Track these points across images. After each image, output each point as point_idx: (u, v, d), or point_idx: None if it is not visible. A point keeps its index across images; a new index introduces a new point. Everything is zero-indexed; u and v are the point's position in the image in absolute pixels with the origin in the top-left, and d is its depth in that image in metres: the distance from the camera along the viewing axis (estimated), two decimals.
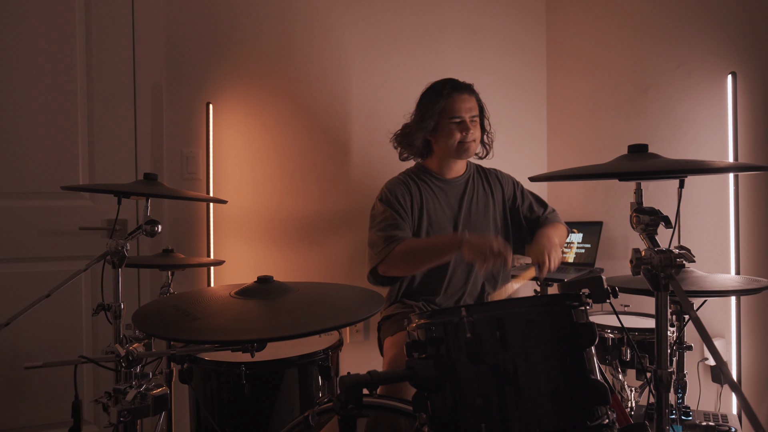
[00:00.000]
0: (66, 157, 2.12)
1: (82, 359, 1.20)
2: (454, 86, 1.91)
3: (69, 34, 2.12)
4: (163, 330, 0.97)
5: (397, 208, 1.88)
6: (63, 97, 2.11)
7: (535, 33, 2.97)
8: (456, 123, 1.89)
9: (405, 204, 1.89)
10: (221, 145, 2.33)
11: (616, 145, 2.55)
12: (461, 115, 1.89)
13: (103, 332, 2.15)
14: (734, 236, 1.97)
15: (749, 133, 1.98)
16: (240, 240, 2.35)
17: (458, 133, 1.89)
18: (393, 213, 1.86)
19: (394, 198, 1.90)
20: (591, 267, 2.54)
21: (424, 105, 1.94)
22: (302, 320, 1.00)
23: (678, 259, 0.96)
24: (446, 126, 1.90)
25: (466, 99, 1.91)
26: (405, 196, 1.91)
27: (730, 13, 2.04)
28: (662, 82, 2.32)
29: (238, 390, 1.45)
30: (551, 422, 0.91)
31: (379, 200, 1.95)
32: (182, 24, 2.27)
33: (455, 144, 1.90)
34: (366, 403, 1.19)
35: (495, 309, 0.96)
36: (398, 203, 1.89)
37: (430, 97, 1.93)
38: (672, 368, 1.06)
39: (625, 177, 0.99)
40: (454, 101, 1.89)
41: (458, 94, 1.90)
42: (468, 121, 1.90)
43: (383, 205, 1.91)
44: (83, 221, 2.15)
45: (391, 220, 1.85)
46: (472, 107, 1.92)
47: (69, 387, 2.08)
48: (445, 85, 1.92)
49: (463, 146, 1.90)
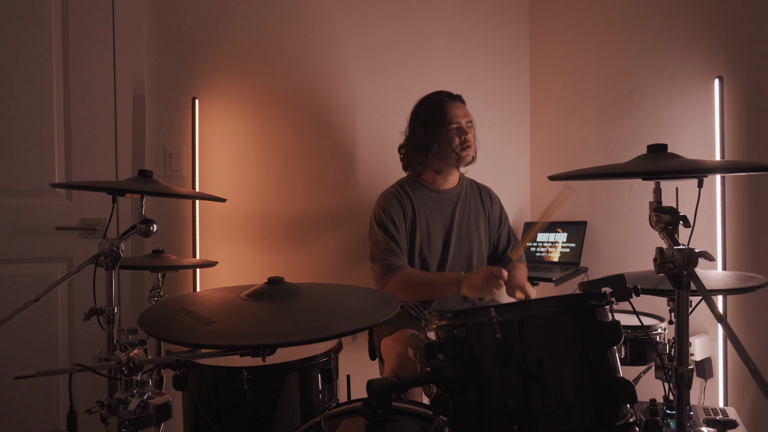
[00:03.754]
0: (40, 153, 2.00)
1: (78, 367, 1.12)
2: (449, 96, 2.02)
3: (44, 25, 2.00)
4: (177, 335, 0.92)
5: (391, 231, 1.95)
6: (37, 90, 1.99)
7: (518, 32, 3.00)
8: (455, 128, 1.97)
9: (399, 223, 1.96)
10: (207, 142, 2.25)
11: (600, 146, 2.61)
12: (459, 121, 1.97)
13: (82, 338, 2.04)
14: (721, 233, 2.03)
15: (736, 136, 2.05)
16: (227, 240, 2.28)
17: (457, 137, 1.96)
18: (388, 239, 1.93)
19: (389, 219, 1.96)
20: (576, 266, 2.59)
21: (430, 113, 1.99)
22: (326, 323, 0.96)
23: (699, 257, 0.97)
24: (447, 133, 1.96)
25: (460, 106, 2.02)
26: (398, 214, 1.97)
27: (717, 17, 2.10)
28: (646, 85, 2.38)
29: (239, 395, 1.39)
30: (582, 422, 0.91)
31: (375, 222, 2.00)
32: (166, 15, 2.18)
33: (457, 149, 1.96)
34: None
35: (524, 309, 0.95)
36: (393, 225, 1.95)
37: (428, 108, 2.00)
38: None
39: (648, 176, 0.99)
40: (451, 108, 1.98)
41: (453, 102, 2.00)
42: (465, 125, 1.98)
43: (379, 230, 1.97)
44: (59, 221, 2.04)
45: (386, 245, 1.93)
46: (466, 113, 2.02)
47: (46, 397, 1.98)
48: (441, 94, 2.02)
49: (462, 152, 1.97)
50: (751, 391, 1.98)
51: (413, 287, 1.88)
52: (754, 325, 1.97)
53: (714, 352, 2.04)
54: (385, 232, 1.94)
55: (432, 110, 1.97)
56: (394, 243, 1.93)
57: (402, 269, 1.88)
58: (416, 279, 1.90)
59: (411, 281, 1.88)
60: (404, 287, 1.87)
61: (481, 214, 2.10)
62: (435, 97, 2.01)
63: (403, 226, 1.96)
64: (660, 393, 1.52)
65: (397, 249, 1.92)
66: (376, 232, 1.97)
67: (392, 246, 1.92)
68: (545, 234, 2.78)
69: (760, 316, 1.96)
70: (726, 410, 1.56)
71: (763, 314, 1.95)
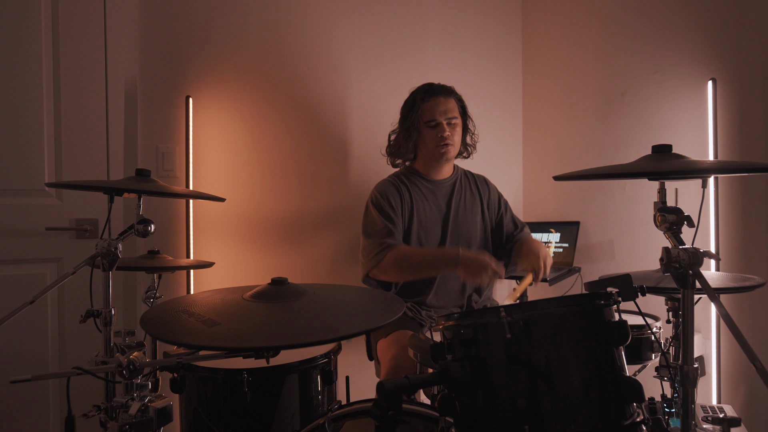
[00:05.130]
0: (30, 152, 1.95)
1: (76, 371, 1.10)
2: (427, 91, 1.94)
3: (34, 21, 1.95)
4: (182, 337, 0.90)
5: (388, 212, 1.89)
6: (26, 87, 1.94)
7: (511, 31, 3.01)
8: (431, 127, 1.92)
9: (396, 207, 1.91)
10: (201, 141, 2.22)
11: (593, 147, 2.63)
12: (435, 118, 1.91)
13: (73, 341, 2.00)
14: (714, 234, 2.06)
15: (729, 138, 2.08)
16: (220, 240, 2.25)
17: (435, 135, 1.91)
18: (384, 220, 1.88)
19: (386, 202, 1.92)
20: (570, 266, 2.60)
21: (405, 114, 1.98)
22: (335, 324, 0.95)
23: (704, 257, 0.98)
24: (423, 130, 1.93)
25: (441, 102, 1.93)
26: (396, 199, 1.93)
27: (711, 21, 2.13)
28: (638, 87, 2.40)
29: (239, 398, 1.37)
30: (591, 422, 0.91)
31: (372, 204, 1.95)
32: (159, 11, 2.14)
33: (432, 147, 1.93)
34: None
35: (533, 309, 0.95)
36: (390, 207, 1.90)
37: (410, 106, 1.97)
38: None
39: (656, 177, 1.00)
40: (430, 105, 1.92)
41: (432, 98, 1.92)
42: (444, 123, 1.92)
43: (375, 210, 1.92)
44: (49, 221, 1.99)
45: (382, 227, 1.87)
46: (449, 109, 1.93)
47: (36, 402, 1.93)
48: (419, 91, 1.96)
49: (439, 150, 1.92)
50: (743, 389, 2.01)
51: (410, 264, 1.81)
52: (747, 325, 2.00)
53: (707, 351, 2.07)
54: (382, 213, 1.88)
55: (409, 106, 1.95)
56: (391, 223, 1.86)
57: (397, 246, 1.82)
58: (413, 256, 1.84)
59: (408, 258, 1.81)
60: (400, 264, 1.80)
61: (477, 201, 2.06)
62: (415, 92, 1.97)
63: (399, 210, 1.91)
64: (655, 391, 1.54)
65: (394, 229, 1.85)
66: (372, 212, 1.91)
67: (388, 226, 1.85)
68: (538, 234, 2.80)
69: (753, 317, 1.99)
70: (723, 408, 1.58)
71: (756, 315, 1.98)
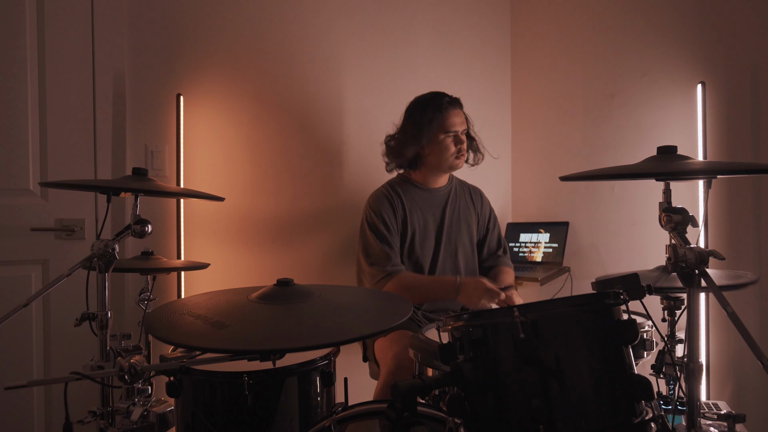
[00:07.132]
0: (13, 151, 1.89)
1: (75, 376, 1.06)
2: (450, 101, 1.97)
3: (18, 17, 1.89)
4: (190, 340, 0.88)
5: (384, 234, 1.92)
6: (9, 84, 1.88)
7: (500, 31, 3.03)
8: (452, 137, 1.95)
9: (391, 225, 1.94)
10: (192, 140, 2.18)
11: (582, 148, 2.66)
12: (456, 130, 1.95)
13: (59, 345, 1.94)
14: (703, 233, 2.10)
15: (717, 141, 2.12)
16: (211, 240, 2.21)
17: (453, 146, 1.95)
18: (381, 243, 1.90)
19: (380, 221, 1.93)
20: (559, 266, 2.63)
21: (418, 118, 1.96)
22: (345, 326, 0.94)
23: (710, 256, 0.99)
24: (442, 140, 1.94)
25: (459, 113, 1.98)
26: (389, 215, 1.95)
27: (700, 25, 2.17)
28: (627, 90, 2.44)
29: (239, 401, 1.35)
30: (602, 420, 0.91)
31: (367, 223, 1.97)
32: (149, 7, 2.09)
33: (451, 158, 1.96)
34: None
35: (544, 309, 0.95)
36: (384, 226, 1.93)
37: (425, 111, 1.95)
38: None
39: (663, 177, 1.01)
40: (450, 116, 1.94)
41: (453, 109, 1.96)
42: (461, 134, 1.97)
43: (371, 232, 1.94)
44: (33, 221, 1.93)
45: (379, 251, 1.90)
46: (463, 121, 1.99)
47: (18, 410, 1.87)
48: (441, 99, 1.96)
49: (456, 160, 1.97)
50: (730, 385, 2.06)
51: (411, 295, 1.85)
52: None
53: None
54: (378, 235, 1.92)
55: (431, 114, 1.93)
56: (388, 246, 1.91)
57: (398, 274, 1.87)
58: (414, 284, 1.89)
59: (408, 286, 1.87)
60: (401, 292, 1.84)
61: (472, 212, 2.11)
62: (436, 100, 1.95)
63: (394, 226, 1.95)
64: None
65: (391, 252, 1.90)
66: (368, 236, 1.94)
67: (386, 250, 1.90)
68: (528, 234, 2.82)
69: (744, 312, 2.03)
70: (717, 404, 1.61)
71: (748, 310, 2.02)
